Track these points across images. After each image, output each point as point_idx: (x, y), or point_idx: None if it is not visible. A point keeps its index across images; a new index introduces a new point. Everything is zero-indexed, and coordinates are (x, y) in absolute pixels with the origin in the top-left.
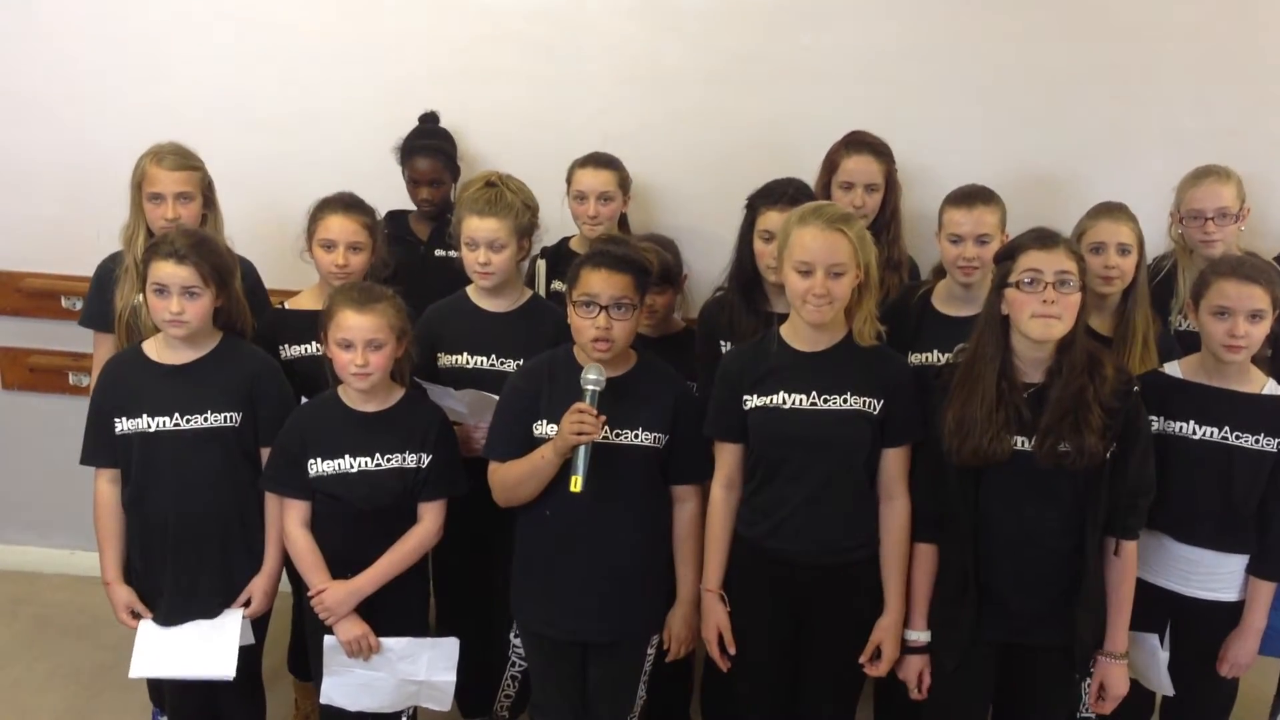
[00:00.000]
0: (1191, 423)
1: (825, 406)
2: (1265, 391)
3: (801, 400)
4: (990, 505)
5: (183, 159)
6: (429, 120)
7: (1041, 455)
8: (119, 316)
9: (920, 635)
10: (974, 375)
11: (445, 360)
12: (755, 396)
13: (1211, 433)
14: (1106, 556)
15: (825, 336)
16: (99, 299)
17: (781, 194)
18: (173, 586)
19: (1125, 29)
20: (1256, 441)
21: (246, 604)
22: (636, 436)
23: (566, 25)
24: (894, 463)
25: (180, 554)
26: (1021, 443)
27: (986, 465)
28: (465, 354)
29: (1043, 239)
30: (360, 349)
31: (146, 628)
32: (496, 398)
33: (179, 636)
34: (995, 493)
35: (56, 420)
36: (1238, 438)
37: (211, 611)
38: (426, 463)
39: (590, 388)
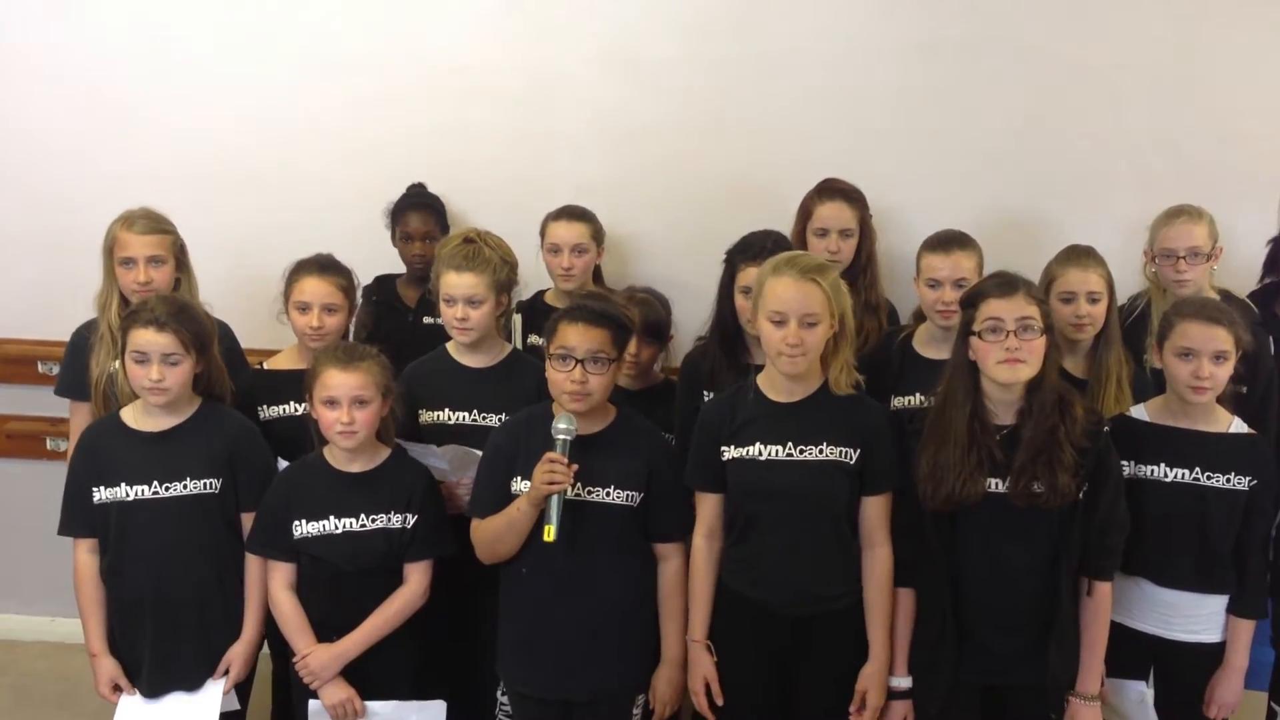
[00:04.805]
0: (1163, 465)
1: (801, 457)
2: (1232, 430)
3: (778, 451)
4: (966, 548)
5: (153, 223)
6: (417, 189)
7: (1015, 495)
8: (95, 384)
9: (901, 681)
10: (945, 421)
11: (426, 417)
12: (732, 447)
13: (1183, 474)
14: (1080, 596)
15: (801, 386)
16: (74, 367)
17: (760, 248)
18: (152, 656)
19: (1092, 71)
20: (1228, 480)
21: (226, 673)
22: (608, 494)
23: (539, 79)
24: (875, 511)
25: (159, 623)
26: (995, 484)
27: (961, 508)
28: (447, 410)
29: (1002, 286)
30: (345, 407)
31: (126, 706)
32: (479, 452)
33: (159, 714)
34: (971, 535)
35: (34, 486)
36: (1209, 478)
37: (192, 682)
38: (412, 523)
39: (561, 437)
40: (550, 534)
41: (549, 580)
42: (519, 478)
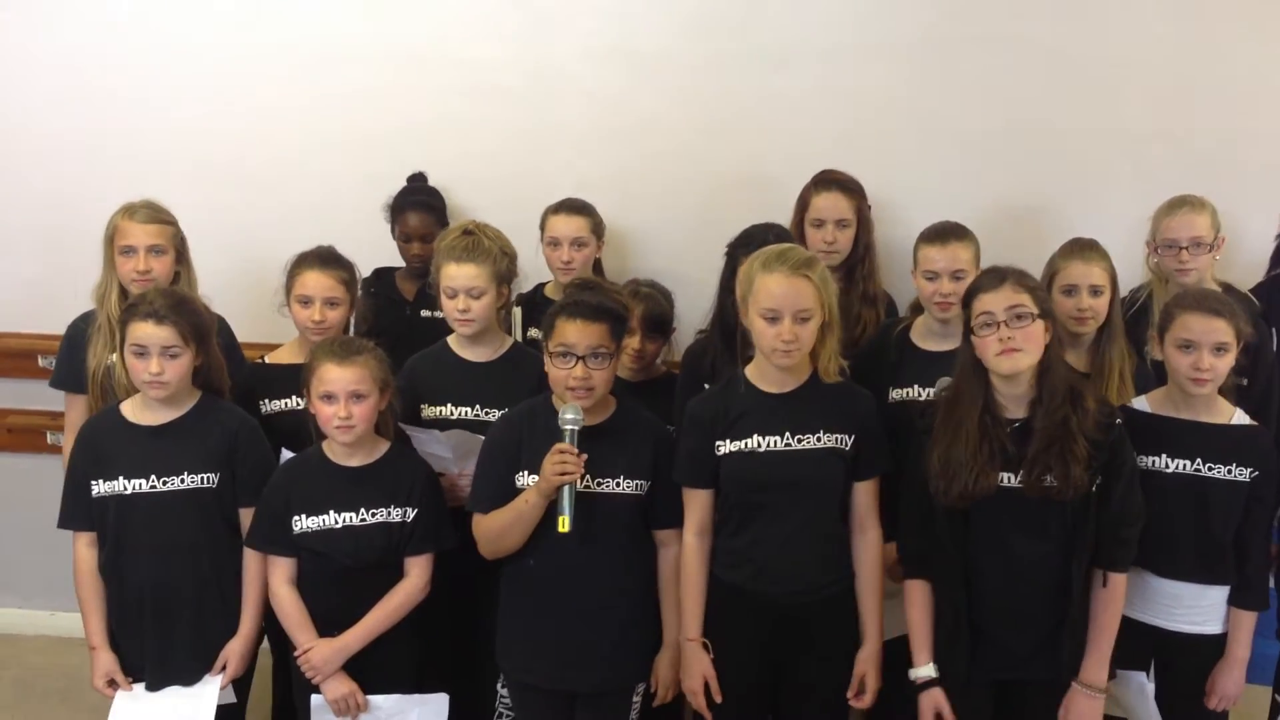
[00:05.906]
0: (1164, 456)
1: (799, 446)
2: (1234, 421)
3: (775, 442)
4: (979, 542)
5: (154, 213)
6: (417, 179)
7: (1028, 487)
8: (93, 376)
9: (926, 670)
10: (956, 417)
11: (428, 411)
12: (728, 441)
13: (1184, 465)
14: (1094, 588)
15: (792, 377)
16: (70, 359)
17: (762, 241)
18: (150, 650)
19: (1094, 66)
20: (1229, 472)
21: (223, 668)
22: (617, 485)
23: (539, 73)
24: (865, 495)
25: (157, 617)
26: (1007, 479)
27: (974, 503)
28: (449, 404)
29: (990, 279)
30: (343, 401)
31: (122, 702)
32: (483, 438)
33: (154, 710)
34: (984, 530)
35: (35, 480)
36: (1210, 469)
37: (189, 676)
38: (412, 517)
39: (569, 427)
40: (565, 525)
41: (556, 572)
42: (524, 471)
